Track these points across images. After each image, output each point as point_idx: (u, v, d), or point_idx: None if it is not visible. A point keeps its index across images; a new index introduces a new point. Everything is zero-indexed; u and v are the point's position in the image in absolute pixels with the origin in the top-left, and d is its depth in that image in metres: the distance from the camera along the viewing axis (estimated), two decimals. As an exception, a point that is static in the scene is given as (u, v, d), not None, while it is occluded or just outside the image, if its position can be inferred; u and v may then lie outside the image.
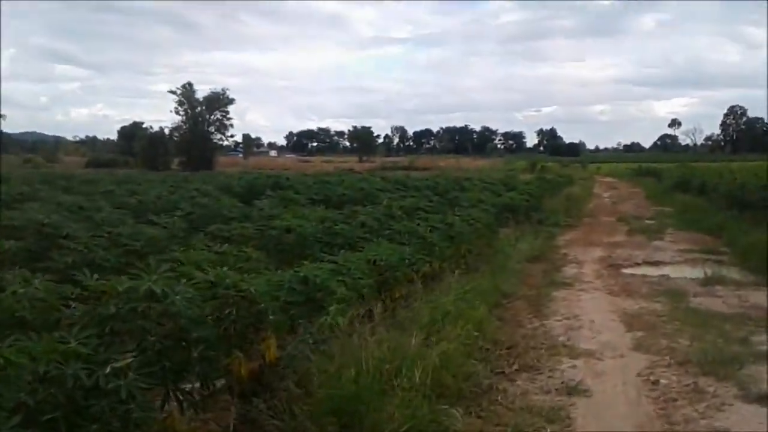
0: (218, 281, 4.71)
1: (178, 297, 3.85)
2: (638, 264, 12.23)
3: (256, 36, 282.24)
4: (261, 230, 8.71)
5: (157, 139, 65.44)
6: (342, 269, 6.66)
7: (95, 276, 4.26)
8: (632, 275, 11.03)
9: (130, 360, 3.45)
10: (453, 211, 12.83)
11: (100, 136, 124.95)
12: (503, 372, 5.94)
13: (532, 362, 6.22)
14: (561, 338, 7.10)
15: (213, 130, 65.45)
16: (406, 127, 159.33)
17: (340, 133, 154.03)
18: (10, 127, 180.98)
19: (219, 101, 64.71)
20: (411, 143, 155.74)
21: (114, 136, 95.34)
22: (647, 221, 19.65)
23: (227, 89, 65.75)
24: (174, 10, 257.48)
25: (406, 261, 7.83)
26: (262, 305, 4.71)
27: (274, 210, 11.59)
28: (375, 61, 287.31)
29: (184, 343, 3.92)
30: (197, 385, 4.24)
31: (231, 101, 65.67)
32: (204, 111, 64.63)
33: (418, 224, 9.98)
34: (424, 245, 8.90)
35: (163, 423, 3.81)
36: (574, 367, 6.15)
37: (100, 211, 11.17)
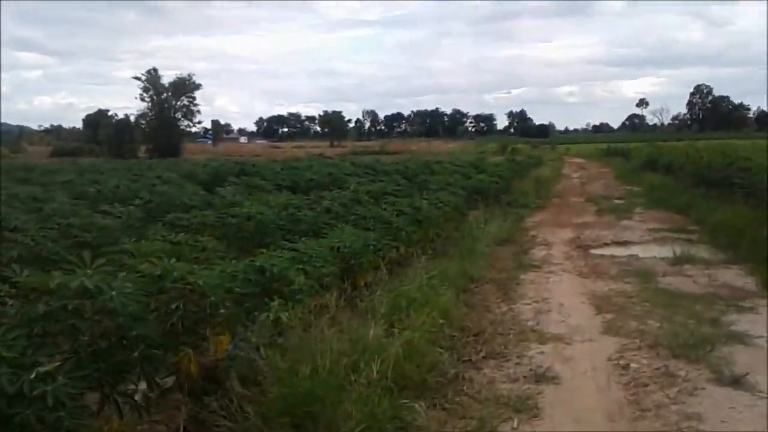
0: (165, 274, 4.42)
1: (114, 292, 3.55)
2: (607, 244, 12.15)
3: (225, 19, 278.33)
4: (221, 219, 8.41)
5: (122, 126, 64.16)
6: (303, 257, 6.41)
7: (25, 272, 3.91)
8: (601, 256, 10.93)
9: (59, 363, 3.17)
10: (422, 194, 12.64)
11: (66, 125, 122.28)
12: (470, 360, 5.75)
13: (499, 349, 6.04)
14: (530, 323, 6.93)
15: (180, 117, 64.38)
16: (377, 111, 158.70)
17: (311, 118, 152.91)
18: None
19: (185, 87, 63.58)
20: (382, 127, 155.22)
21: (80, 125, 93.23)
22: (616, 201, 19.67)
23: (193, 74, 64.90)
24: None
25: (371, 247, 7.61)
26: (212, 298, 4.44)
27: (237, 197, 11.24)
28: (345, 43, 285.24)
29: (124, 342, 3.64)
30: (143, 386, 3.98)
31: (197, 87, 64.68)
32: (170, 97, 63.47)
33: (385, 209, 9.75)
34: (390, 230, 8.68)
35: (101, 430, 3.54)
36: (542, 353, 5.99)
37: (54, 202, 10.75)
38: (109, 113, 70.78)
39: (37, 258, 6.67)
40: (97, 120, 74.25)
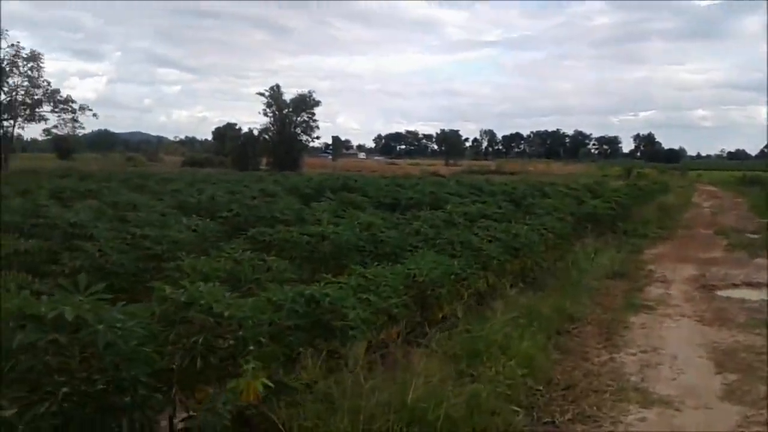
0: (190, 301, 3.88)
1: (101, 326, 3.02)
2: (736, 285, 10.61)
3: (348, 40, 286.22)
4: (309, 236, 7.87)
5: (246, 140, 66.70)
6: (370, 285, 5.74)
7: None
8: (728, 299, 9.49)
9: (14, 411, 2.67)
10: (525, 219, 11.67)
11: (199, 137, 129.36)
12: (552, 422, 4.81)
13: (591, 410, 5.04)
14: (633, 379, 5.85)
15: (299, 132, 65.92)
16: (495, 131, 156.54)
17: (428, 137, 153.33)
18: (118, 127, 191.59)
19: (305, 103, 65.11)
20: (500, 147, 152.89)
21: (211, 137, 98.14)
22: (750, 235, 17.57)
23: (313, 92, 66.22)
24: (269, 15, 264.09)
25: (454, 276, 6.81)
26: (240, 333, 3.85)
27: (324, 214, 10.75)
28: (464, 64, 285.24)
29: (113, 385, 3.10)
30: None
31: (317, 103, 66.01)
32: (291, 113, 65.18)
33: (476, 234, 8.91)
34: (479, 258, 7.84)
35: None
36: (643, 419, 4.95)
37: (142, 211, 10.73)
38: (236, 127, 74.04)
39: (100, 270, 6.42)
40: (225, 133, 77.84)
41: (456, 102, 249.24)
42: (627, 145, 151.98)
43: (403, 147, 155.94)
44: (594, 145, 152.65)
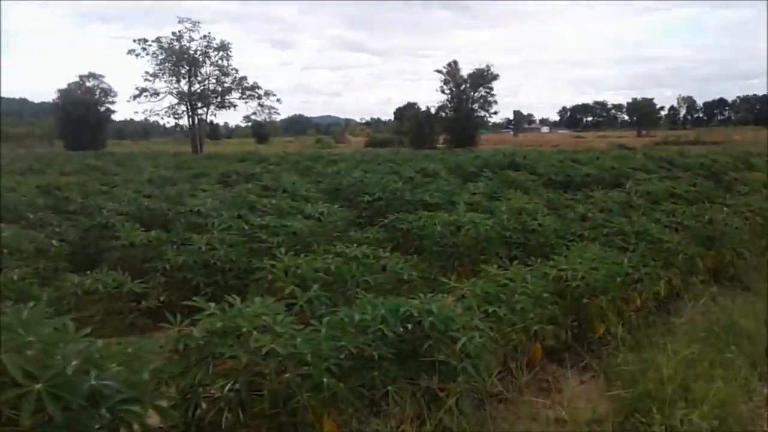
0: (229, 329, 2.94)
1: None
2: None
3: (530, 11, 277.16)
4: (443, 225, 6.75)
5: (423, 118, 66.36)
6: (502, 293, 4.49)
7: None
8: None
9: None
10: (725, 198, 9.57)
11: (384, 118, 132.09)
12: None
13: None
14: None
15: (477, 108, 64.24)
16: (694, 98, 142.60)
17: (618, 107, 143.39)
18: (310, 111, 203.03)
19: (483, 78, 63.13)
20: (701, 115, 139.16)
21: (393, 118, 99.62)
22: None
23: (491, 65, 63.89)
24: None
25: (621, 278, 5.30)
26: (287, 374, 2.83)
27: (475, 196, 9.49)
28: (658, 27, 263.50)
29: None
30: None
31: (495, 77, 63.66)
32: (468, 88, 63.66)
33: (658, 220, 7.20)
34: (659, 252, 6.21)
35: None
36: None
37: (293, 194, 10.22)
38: (415, 106, 74.04)
39: (206, 266, 5.79)
40: (404, 112, 78.31)
41: (649, 68, 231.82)
42: None
43: (591, 119, 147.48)
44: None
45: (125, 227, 6.98)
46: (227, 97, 58.47)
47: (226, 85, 58.03)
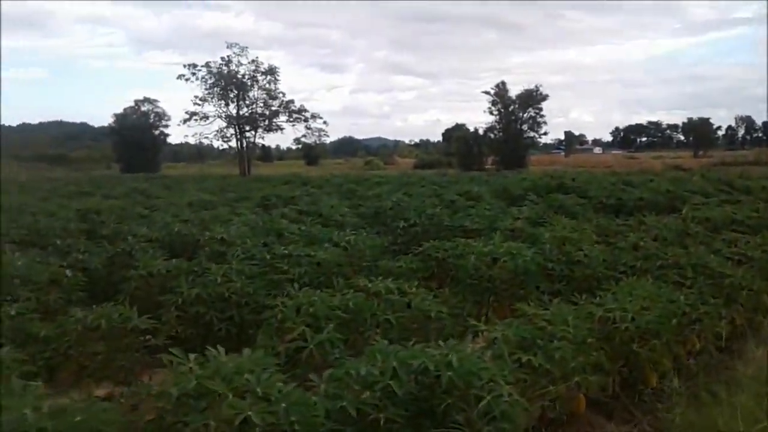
0: (204, 390, 2.51)
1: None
2: None
3: (581, 31, 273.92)
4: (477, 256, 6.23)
5: (471, 139, 65.75)
6: (539, 336, 3.96)
7: None
8: None
9: None
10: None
11: (432, 140, 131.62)
12: None
13: None
14: None
15: (526, 128, 63.31)
16: (753, 117, 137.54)
17: (673, 127, 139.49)
18: (360, 133, 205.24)
19: (532, 98, 62.19)
20: (760, 134, 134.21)
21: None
22: None
23: (540, 86, 62.91)
24: (499, 13, 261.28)
25: (675, 320, 4.70)
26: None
27: (517, 223, 8.93)
28: (712, 46, 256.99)
29: None
30: None
31: (544, 98, 62.63)
32: (517, 109, 62.84)
33: (718, 250, 6.55)
34: (719, 288, 5.56)
35: None
36: None
37: (327, 220, 9.85)
38: (464, 127, 73.52)
39: (222, 299, 5.41)
40: (452, 134, 77.81)
41: (704, 87, 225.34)
42: None
43: (645, 139, 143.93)
44: None
45: (144, 256, 6.69)
46: (275, 120, 59.26)
47: (273, 108, 58.84)
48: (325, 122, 61.02)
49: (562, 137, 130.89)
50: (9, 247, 7.25)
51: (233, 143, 60.26)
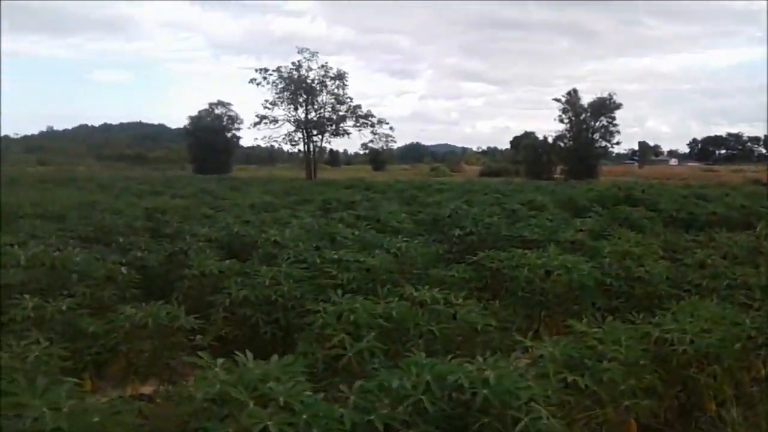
0: (227, 396, 2.46)
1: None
2: None
3: (659, 38, 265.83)
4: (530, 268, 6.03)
5: (540, 147, 64.74)
6: (587, 356, 3.77)
7: None
8: None
9: None
10: None
11: (501, 147, 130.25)
12: None
13: None
14: None
15: (597, 138, 61.84)
16: None
17: (755, 139, 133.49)
18: (427, 140, 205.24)
19: (605, 107, 60.70)
20: None
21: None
22: None
23: (614, 94, 61.35)
24: (574, 20, 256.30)
25: (739, 344, 4.40)
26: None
27: (577, 235, 8.65)
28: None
29: None
30: None
31: (618, 106, 61.04)
32: (588, 118, 61.48)
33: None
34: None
35: None
36: None
37: (384, 225, 9.81)
38: (533, 135, 72.51)
39: (268, 302, 5.41)
40: (520, 142, 76.77)
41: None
42: None
43: (724, 152, 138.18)
44: None
45: (199, 255, 6.79)
46: (341, 124, 60.01)
47: (340, 113, 59.62)
48: (391, 128, 61.58)
49: (636, 148, 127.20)
50: (72, 243, 7.47)
51: (301, 147, 61.45)
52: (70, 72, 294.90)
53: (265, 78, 59.12)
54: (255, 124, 60.52)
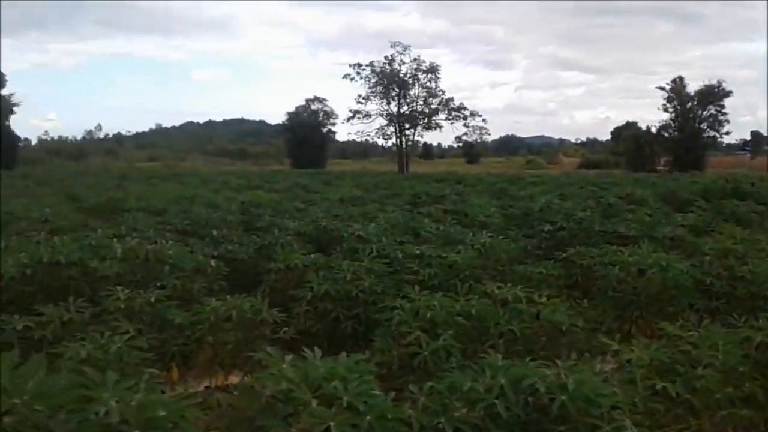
0: (290, 394, 2.45)
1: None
2: None
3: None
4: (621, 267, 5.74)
5: (642, 138, 62.02)
6: (680, 361, 3.52)
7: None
8: None
9: None
10: None
11: (600, 138, 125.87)
12: None
13: None
14: None
15: (705, 127, 58.55)
16: None
17: None
18: (523, 132, 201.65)
19: (713, 95, 57.32)
20: None
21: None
22: None
23: (723, 81, 57.87)
24: (673, 3, 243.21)
25: None
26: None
27: (676, 230, 8.16)
28: None
29: None
30: None
31: (727, 94, 57.49)
32: (695, 106, 58.30)
33: None
34: None
35: None
36: None
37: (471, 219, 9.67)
38: (636, 125, 69.69)
39: (349, 296, 5.42)
40: (622, 132, 73.85)
41: None
42: None
43: None
44: None
45: (284, 249, 6.90)
46: (434, 118, 59.86)
47: (433, 106, 59.49)
48: (484, 120, 60.85)
49: (749, 137, 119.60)
50: (169, 236, 7.77)
51: (394, 141, 61.78)
52: (176, 71, 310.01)
53: (358, 73, 59.93)
54: (348, 119, 61.46)
